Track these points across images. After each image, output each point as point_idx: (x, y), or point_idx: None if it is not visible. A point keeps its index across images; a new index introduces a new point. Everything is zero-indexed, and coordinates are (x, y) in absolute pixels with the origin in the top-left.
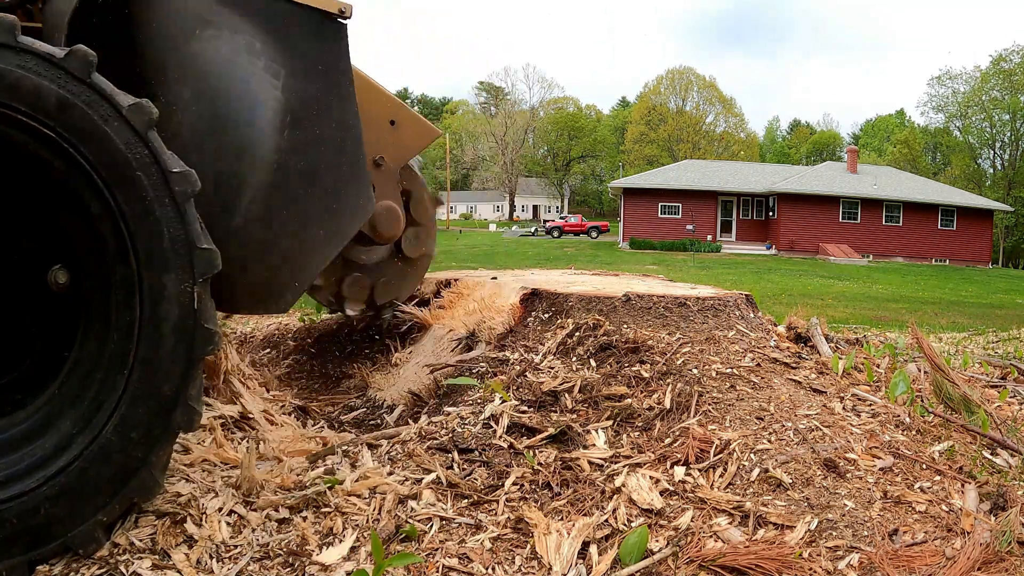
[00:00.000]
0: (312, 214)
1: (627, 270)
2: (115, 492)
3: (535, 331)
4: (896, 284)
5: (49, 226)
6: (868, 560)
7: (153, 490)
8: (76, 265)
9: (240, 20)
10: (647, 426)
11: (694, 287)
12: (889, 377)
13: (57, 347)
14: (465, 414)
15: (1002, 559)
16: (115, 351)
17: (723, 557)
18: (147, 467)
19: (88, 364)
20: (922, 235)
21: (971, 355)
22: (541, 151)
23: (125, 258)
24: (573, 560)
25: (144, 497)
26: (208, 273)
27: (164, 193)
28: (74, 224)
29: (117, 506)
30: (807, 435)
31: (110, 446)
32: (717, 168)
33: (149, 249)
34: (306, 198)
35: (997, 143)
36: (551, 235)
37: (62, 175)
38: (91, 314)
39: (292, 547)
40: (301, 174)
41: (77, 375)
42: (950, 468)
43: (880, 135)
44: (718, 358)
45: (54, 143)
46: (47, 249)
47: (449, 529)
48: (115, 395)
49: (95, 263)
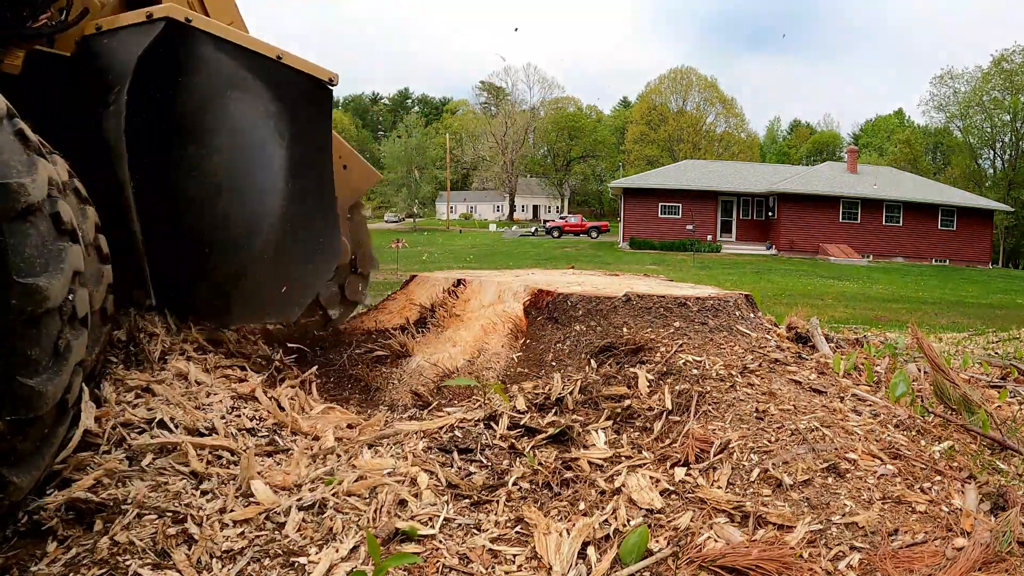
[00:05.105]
0: (308, 249)
1: (627, 270)
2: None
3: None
4: (896, 284)
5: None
6: (868, 560)
7: (8, 491)
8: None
9: (257, 83)
10: (647, 426)
11: (694, 287)
12: (889, 377)
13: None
14: (465, 414)
15: (1002, 559)
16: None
17: (723, 557)
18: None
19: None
20: (922, 235)
21: (971, 355)
22: (541, 151)
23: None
24: (573, 560)
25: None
26: (15, 206)
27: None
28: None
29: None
30: (807, 435)
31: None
32: (717, 168)
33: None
34: (305, 236)
35: (997, 143)
36: (551, 235)
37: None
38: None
39: (292, 547)
40: (301, 217)
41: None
42: (950, 468)
43: (880, 135)
44: (718, 358)
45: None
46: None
47: (449, 529)
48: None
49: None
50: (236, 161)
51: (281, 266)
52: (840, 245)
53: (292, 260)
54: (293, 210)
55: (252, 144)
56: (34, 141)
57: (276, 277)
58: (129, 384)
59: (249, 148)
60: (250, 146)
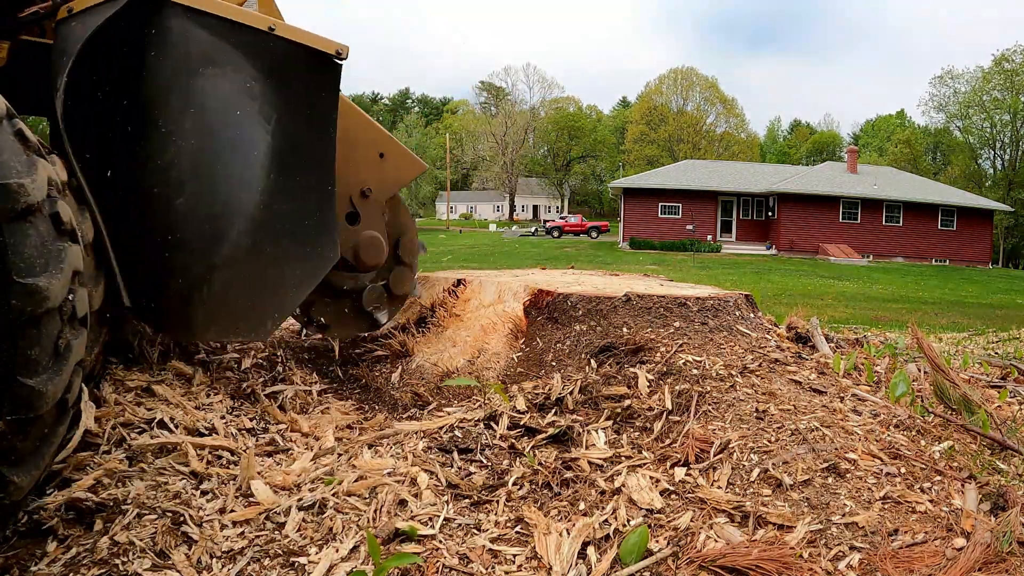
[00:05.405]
0: (290, 251)
1: (627, 270)
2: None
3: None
4: (896, 284)
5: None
6: (868, 560)
7: (8, 491)
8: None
9: (239, 58)
10: (647, 426)
11: (694, 287)
12: (889, 377)
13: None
14: (465, 414)
15: (1002, 559)
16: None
17: (723, 557)
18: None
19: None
20: (922, 235)
21: (971, 355)
22: (541, 151)
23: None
24: (573, 560)
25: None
26: (15, 206)
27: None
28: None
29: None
30: (807, 435)
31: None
32: (717, 168)
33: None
34: (287, 236)
35: (997, 143)
36: (551, 235)
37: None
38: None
39: (292, 547)
40: (287, 216)
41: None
42: (950, 468)
43: (881, 135)
44: (718, 358)
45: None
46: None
47: (449, 529)
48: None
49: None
50: (202, 151)
51: (255, 275)
52: (840, 245)
53: (270, 268)
54: (277, 207)
55: (225, 130)
56: (34, 141)
57: (248, 288)
58: (129, 384)
59: (220, 135)
60: (222, 133)
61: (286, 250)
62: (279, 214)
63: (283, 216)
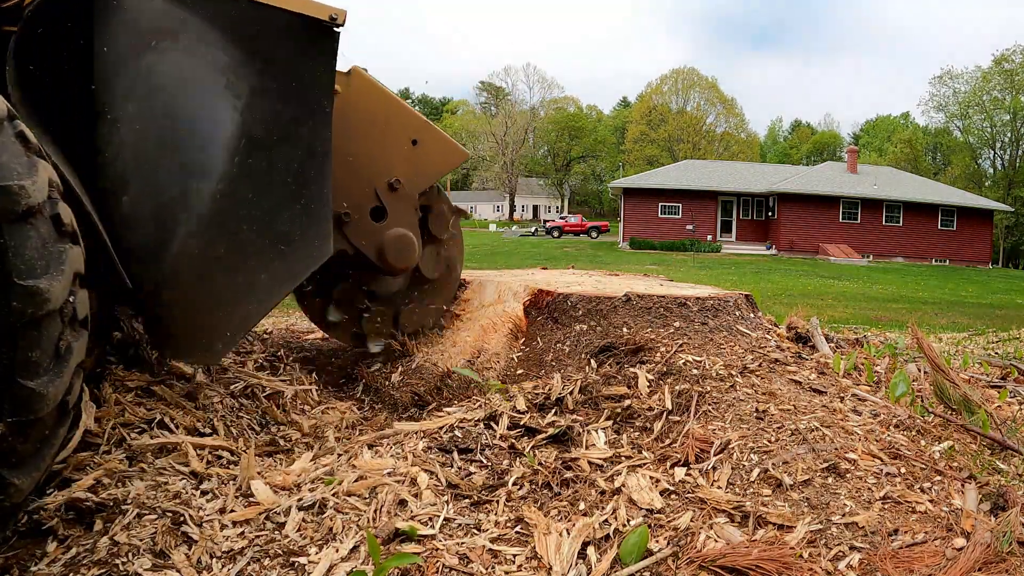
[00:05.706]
0: (256, 255)
1: (627, 270)
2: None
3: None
4: (896, 284)
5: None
6: (868, 560)
7: (8, 493)
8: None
9: (206, 29)
10: (647, 426)
11: (694, 287)
12: (889, 377)
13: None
14: (465, 414)
15: (1002, 559)
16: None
17: (723, 557)
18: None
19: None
20: (922, 235)
21: (971, 355)
22: (541, 151)
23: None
24: (573, 560)
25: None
26: (16, 208)
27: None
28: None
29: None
30: (807, 435)
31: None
32: (717, 168)
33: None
34: (253, 236)
35: (997, 143)
36: (551, 235)
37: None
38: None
39: (292, 547)
40: (251, 208)
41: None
42: (950, 468)
43: (881, 135)
44: (718, 358)
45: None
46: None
47: (449, 529)
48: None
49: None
50: (148, 138)
51: (210, 288)
52: (840, 245)
53: (231, 280)
54: (245, 203)
55: (180, 111)
56: (34, 143)
57: (200, 304)
58: (129, 384)
59: (173, 117)
60: (176, 115)
61: (252, 252)
62: (253, 212)
63: (257, 214)
